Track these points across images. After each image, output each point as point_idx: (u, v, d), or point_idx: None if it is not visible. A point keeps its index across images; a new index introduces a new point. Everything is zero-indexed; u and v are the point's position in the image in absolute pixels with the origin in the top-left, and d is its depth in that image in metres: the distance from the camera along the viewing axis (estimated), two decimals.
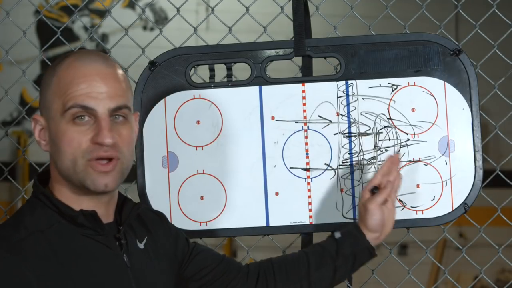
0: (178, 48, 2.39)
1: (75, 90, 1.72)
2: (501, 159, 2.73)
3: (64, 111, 1.73)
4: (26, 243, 1.69)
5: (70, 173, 1.75)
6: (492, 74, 2.63)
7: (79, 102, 1.72)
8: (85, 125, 1.73)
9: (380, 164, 2.32)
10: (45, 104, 1.78)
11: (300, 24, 2.36)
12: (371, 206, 2.11)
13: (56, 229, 1.74)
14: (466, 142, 2.33)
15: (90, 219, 1.75)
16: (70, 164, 1.74)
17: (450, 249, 7.38)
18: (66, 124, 1.73)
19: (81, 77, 1.73)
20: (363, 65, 2.35)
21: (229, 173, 2.35)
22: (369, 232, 2.13)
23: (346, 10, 2.59)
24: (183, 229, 2.34)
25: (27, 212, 1.77)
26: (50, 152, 1.79)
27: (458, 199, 2.33)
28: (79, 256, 1.73)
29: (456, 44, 2.35)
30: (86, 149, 1.73)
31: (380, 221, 2.12)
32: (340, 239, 2.13)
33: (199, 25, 2.63)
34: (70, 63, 1.75)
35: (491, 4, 2.65)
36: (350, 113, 2.35)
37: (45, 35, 6.92)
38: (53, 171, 1.80)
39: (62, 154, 1.74)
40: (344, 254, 2.11)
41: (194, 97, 2.36)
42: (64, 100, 1.73)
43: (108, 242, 1.78)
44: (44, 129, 1.78)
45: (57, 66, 1.77)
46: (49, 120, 1.77)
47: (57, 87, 1.75)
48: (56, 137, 1.75)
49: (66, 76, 1.74)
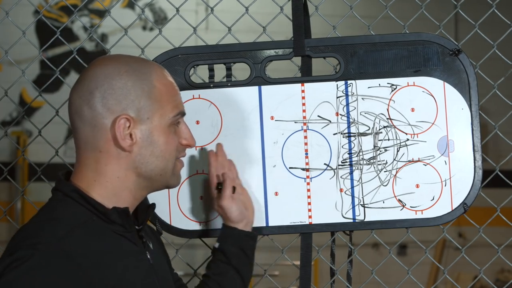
0: (177, 48, 2.39)
1: (177, 98, 1.89)
2: (501, 159, 2.73)
3: (171, 117, 1.85)
4: (71, 238, 1.72)
5: (158, 172, 1.85)
6: (491, 74, 2.63)
7: (182, 109, 1.89)
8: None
9: (380, 164, 2.32)
10: (138, 106, 1.82)
11: (299, 24, 2.36)
12: (224, 203, 2.18)
13: (90, 225, 1.77)
14: (466, 142, 2.33)
15: (123, 216, 1.80)
16: (164, 164, 1.86)
17: (450, 249, 7.39)
18: (168, 127, 1.85)
19: (175, 87, 1.89)
20: (363, 65, 2.35)
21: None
22: (236, 223, 2.20)
23: (346, 10, 2.59)
24: (182, 229, 2.35)
25: (60, 208, 1.80)
26: (137, 152, 1.83)
27: (457, 199, 2.33)
28: (113, 252, 1.77)
29: (455, 44, 2.35)
30: (176, 148, 1.88)
31: (239, 210, 2.19)
32: (220, 246, 2.20)
33: (198, 25, 2.63)
34: (161, 72, 1.87)
35: (490, 4, 2.65)
36: (350, 113, 2.35)
37: (44, 35, 6.93)
38: (111, 171, 1.83)
39: (159, 154, 1.84)
40: (232, 252, 2.18)
41: (194, 97, 2.36)
42: (170, 106, 1.86)
43: (135, 239, 1.83)
44: (132, 128, 1.81)
45: (147, 73, 1.84)
46: (142, 122, 1.82)
47: (158, 95, 1.84)
48: (157, 138, 1.84)
49: (164, 84, 1.86)
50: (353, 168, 2.34)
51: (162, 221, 2.34)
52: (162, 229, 2.33)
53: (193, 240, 2.42)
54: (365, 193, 2.34)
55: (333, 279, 2.44)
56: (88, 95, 1.80)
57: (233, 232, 2.19)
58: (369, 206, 2.34)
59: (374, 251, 7.54)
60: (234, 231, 2.19)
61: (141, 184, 1.85)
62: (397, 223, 2.34)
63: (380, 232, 2.49)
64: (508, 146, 2.64)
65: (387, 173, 2.34)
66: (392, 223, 2.34)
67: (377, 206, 2.34)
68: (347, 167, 2.34)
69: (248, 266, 2.21)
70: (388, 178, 2.34)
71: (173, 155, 1.87)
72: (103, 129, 1.80)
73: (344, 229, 2.36)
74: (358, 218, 2.34)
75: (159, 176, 1.85)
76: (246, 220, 2.21)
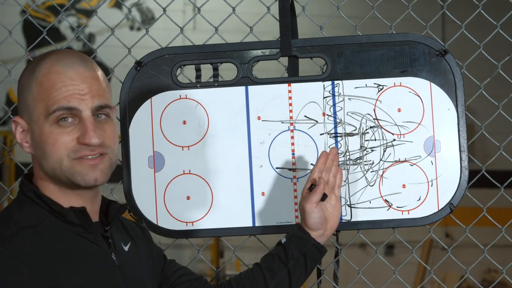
0: (164, 48, 2.39)
1: (58, 93, 1.75)
2: (488, 159, 2.74)
3: (48, 114, 1.75)
4: (18, 238, 1.70)
5: (56, 173, 1.77)
6: (478, 74, 2.63)
7: (63, 104, 1.74)
8: (70, 126, 1.76)
9: (366, 164, 2.33)
10: (26, 107, 1.78)
11: (286, 24, 2.36)
12: (308, 206, 2.13)
13: (46, 225, 1.74)
14: (452, 143, 2.33)
15: (80, 216, 1.77)
16: (56, 165, 1.76)
17: (437, 249, 7.41)
18: (50, 126, 1.75)
19: (62, 80, 1.76)
20: (349, 65, 2.36)
21: (215, 173, 2.35)
22: (312, 230, 2.15)
23: (333, 11, 2.59)
24: (169, 229, 2.34)
25: (15, 208, 1.78)
26: (34, 154, 1.80)
27: (443, 199, 2.33)
28: (70, 253, 1.74)
29: (441, 44, 2.36)
30: (71, 148, 1.75)
31: (320, 218, 2.14)
32: (286, 243, 2.15)
33: (185, 25, 2.62)
34: (50, 67, 1.77)
35: (477, 5, 2.65)
36: (336, 113, 2.35)
37: (31, 34, 6.91)
38: (38, 171, 1.81)
39: (47, 156, 1.76)
40: (294, 256, 2.14)
41: (180, 97, 2.36)
42: (47, 103, 1.75)
43: (97, 240, 1.80)
44: (25, 131, 1.80)
45: (36, 70, 1.78)
46: (31, 123, 1.78)
47: (38, 92, 1.76)
48: (40, 139, 1.77)
49: (47, 80, 1.76)
50: None
51: (149, 221, 2.33)
52: (149, 229, 2.32)
53: (180, 240, 2.41)
54: (351, 193, 2.34)
55: (320, 279, 2.44)
56: None
57: (304, 236, 2.15)
58: (355, 206, 2.34)
59: (361, 251, 7.55)
60: (305, 235, 2.15)
61: (56, 183, 1.79)
62: (383, 223, 2.34)
63: (367, 232, 2.49)
64: (494, 147, 2.65)
65: (373, 173, 2.34)
66: (378, 223, 2.34)
67: (364, 206, 2.34)
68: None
69: (302, 275, 2.16)
70: (375, 178, 2.34)
71: (64, 154, 1.75)
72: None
73: None
74: (345, 218, 2.34)
75: (57, 176, 1.77)
76: (323, 231, 2.16)
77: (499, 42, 2.85)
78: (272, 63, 2.46)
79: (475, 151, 6.68)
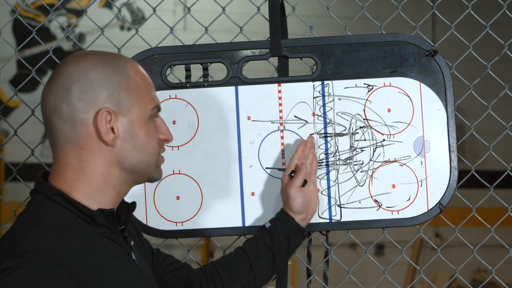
0: (153, 48, 2.39)
1: (153, 92, 1.84)
2: (477, 159, 2.74)
3: (150, 108, 1.80)
4: (57, 246, 1.66)
5: (142, 166, 1.80)
6: (467, 75, 2.64)
7: (158, 103, 1.84)
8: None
9: (356, 164, 2.33)
10: (119, 99, 1.77)
11: (276, 24, 2.36)
12: (291, 191, 2.23)
13: (75, 229, 1.72)
14: (442, 143, 2.34)
15: (108, 218, 1.76)
16: (150, 158, 1.81)
17: (427, 249, 7.42)
18: (148, 120, 1.80)
19: (150, 80, 1.85)
20: (339, 65, 2.36)
21: (205, 173, 2.35)
22: (296, 214, 2.24)
23: (323, 11, 2.60)
24: (159, 229, 2.34)
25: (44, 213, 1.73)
26: (120, 145, 1.77)
27: (433, 199, 2.34)
28: (101, 254, 1.73)
29: (431, 44, 2.36)
30: (159, 144, 1.84)
31: (303, 202, 2.24)
32: (270, 227, 2.24)
33: (175, 25, 2.62)
34: (134, 64, 1.83)
35: (466, 5, 2.66)
36: (326, 113, 2.35)
37: (21, 34, 6.89)
38: (102, 164, 1.78)
39: (144, 148, 1.79)
40: (279, 240, 2.22)
41: (170, 97, 2.36)
42: (148, 98, 1.81)
43: (120, 240, 1.80)
44: (112, 121, 1.76)
45: (121, 64, 1.80)
46: (123, 114, 1.77)
47: (135, 86, 1.79)
48: (135, 131, 1.78)
49: (140, 77, 1.81)
50: (329, 169, 2.34)
51: (138, 221, 2.33)
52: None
53: (169, 241, 2.42)
54: (341, 193, 2.34)
55: (310, 279, 2.44)
56: (65, 93, 1.74)
57: (289, 220, 2.24)
58: (345, 206, 2.34)
59: (351, 251, 7.55)
60: (289, 220, 2.24)
61: (125, 179, 1.79)
62: (373, 223, 2.34)
63: (357, 232, 2.50)
64: (484, 147, 2.65)
65: (363, 173, 2.34)
66: (368, 223, 2.35)
67: (354, 206, 2.34)
68: (324, 167, 2.34)
69: (285, 259, 2.26)
70: (365, 178, 2.34)
71: (156, 149, 1.81)
72: (84, 125, 1.74)
73: (321, 229, 2.37)
74: (335, 218, 2.34)
75: (143, 170, 1.81)
76: (305, 215, 2.26)
77: (489, 43, 2.85)
78: (262, 63, 2.46)
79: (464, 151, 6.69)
